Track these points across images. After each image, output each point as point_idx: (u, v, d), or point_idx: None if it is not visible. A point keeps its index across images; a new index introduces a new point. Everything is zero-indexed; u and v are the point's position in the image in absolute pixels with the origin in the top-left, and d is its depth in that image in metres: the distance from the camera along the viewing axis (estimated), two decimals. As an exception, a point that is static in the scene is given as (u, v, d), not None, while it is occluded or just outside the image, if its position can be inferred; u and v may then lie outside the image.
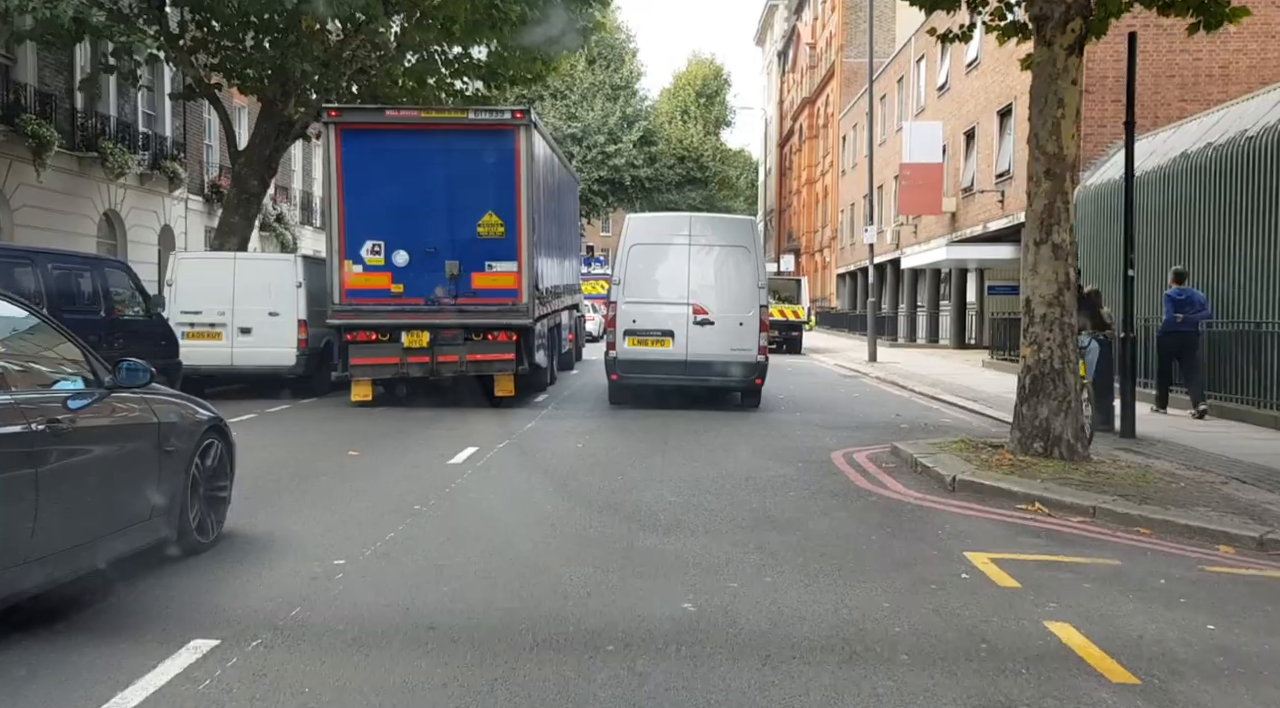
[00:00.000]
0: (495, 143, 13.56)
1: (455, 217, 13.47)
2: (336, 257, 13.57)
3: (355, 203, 13.46)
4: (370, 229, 13.46)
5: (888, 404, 16.30)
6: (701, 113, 71.08)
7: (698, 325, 13.60)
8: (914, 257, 33.10)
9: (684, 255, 13.71)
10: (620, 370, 13.94)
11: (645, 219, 15.66)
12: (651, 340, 13.73)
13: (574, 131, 62.25)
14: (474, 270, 13.51)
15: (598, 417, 13.58)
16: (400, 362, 13.61)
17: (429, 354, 13.56)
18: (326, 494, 7.94)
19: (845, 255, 49.80)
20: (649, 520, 7.20)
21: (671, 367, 13.74)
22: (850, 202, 48.59)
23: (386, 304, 13.53)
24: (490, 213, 13.48)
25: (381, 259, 13.47)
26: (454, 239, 13.50)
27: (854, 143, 48.15)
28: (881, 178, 40.86)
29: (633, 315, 13.71)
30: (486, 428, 11.95)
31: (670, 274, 13.74)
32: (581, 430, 12.18)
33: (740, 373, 13.91)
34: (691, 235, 13.79)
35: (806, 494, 8.33)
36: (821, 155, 59.49)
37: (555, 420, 13.16)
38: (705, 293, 13.70)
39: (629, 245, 13.84)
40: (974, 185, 29.21)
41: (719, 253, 13.86)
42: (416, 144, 13.52)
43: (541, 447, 10.83)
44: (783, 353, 30.95)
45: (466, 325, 13.59)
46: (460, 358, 13.65)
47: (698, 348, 13.64)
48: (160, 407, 5.62)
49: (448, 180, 13.49)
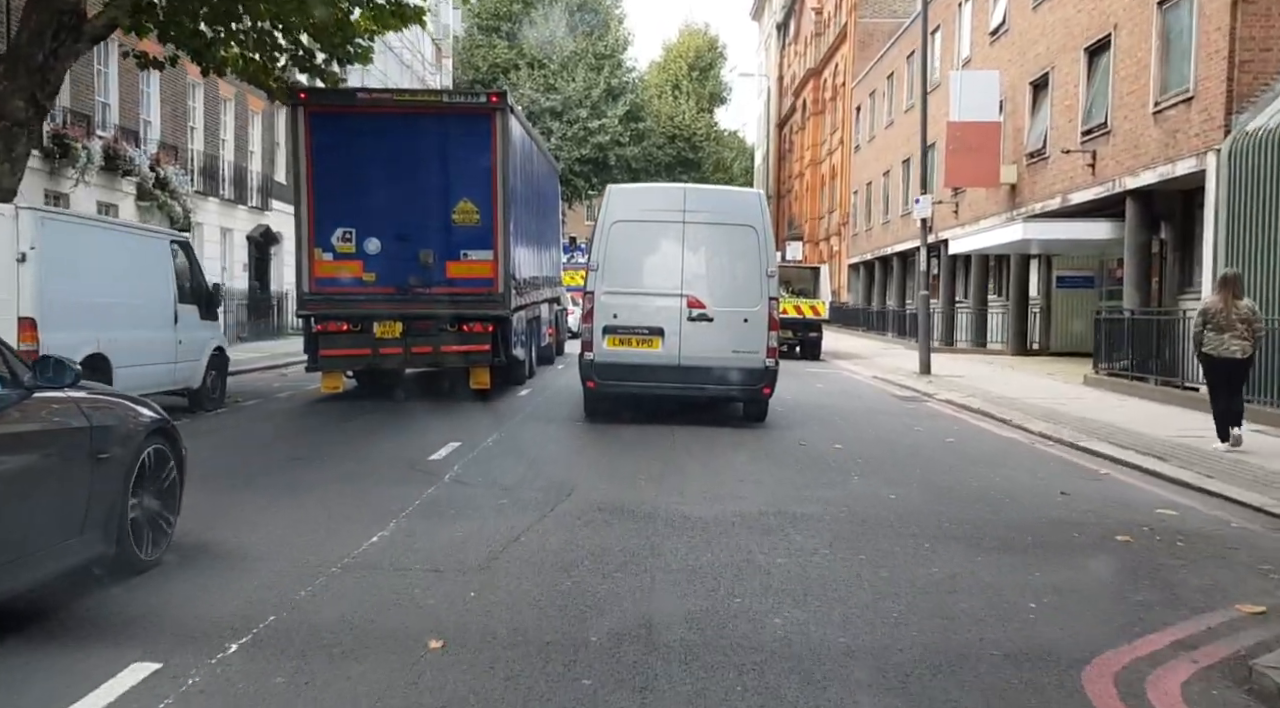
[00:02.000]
0: (470, 127, 13.25)
1: (429, 203, 13.12)
2: (306, 245, 13.25)
3: (325, 189, 13.17)
4: (341, 216, 13.17)
5: (1010, 463, 10.08)
6: (694, 88, 64.88)
7: (693, 322, 11.52)
8: (966, 240, 26.83)
9: (677, 236, 11.61)
10: (598, 376, 11.72)
11: (630, 191, 13.30)
12: (636, 340, 11.61)
13: (552, 105, 56.21)
14: (448, 259, 13.24)
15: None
16: (372, 353, 13.36)
17: (402, 345, 13.29)
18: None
19: (859, 243, 43.59)
20: None
21: (661, 372, 11.61)
22: (866, 180, 42.37)
23: (357, 293, 13.22)
24: (465, 200, 13.17)
25: (353, 247, 13.18)
26: (428, 227, 13.16)
27: (871, 113, 41.91)
28: (905, 150, 34.70)
29: (613, 309, 11.59)
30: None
31: (660, 259, 11.73)
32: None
33: (744, 380, 11.67)
34: (687, 211, 11.65)
35: None
36: (829, 132, 53.27)
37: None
38: (703, 282, 11.62)
39: (610, 222, 11.69)
40: (1046, 148, 22.96)
41: (720, 233, 11.70)
42: (389, 128, 13.20)
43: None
44: (797, 357, 25.06)
45: (441, 316, 13.28)
46: (434, 349, 13.41)
47: (693, 349, 11.54)
48: (93, 408, 5.05)
49: (421, 166, 13.16)
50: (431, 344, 13.34)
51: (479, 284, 13.24)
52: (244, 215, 29.75)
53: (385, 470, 8.51)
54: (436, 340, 13.31)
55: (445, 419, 11.67)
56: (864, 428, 12.52)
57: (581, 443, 10.83)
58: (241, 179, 29.23)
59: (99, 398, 5.35)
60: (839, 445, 10.73)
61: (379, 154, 13.12)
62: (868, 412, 14.41)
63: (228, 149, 28.90)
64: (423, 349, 13.37)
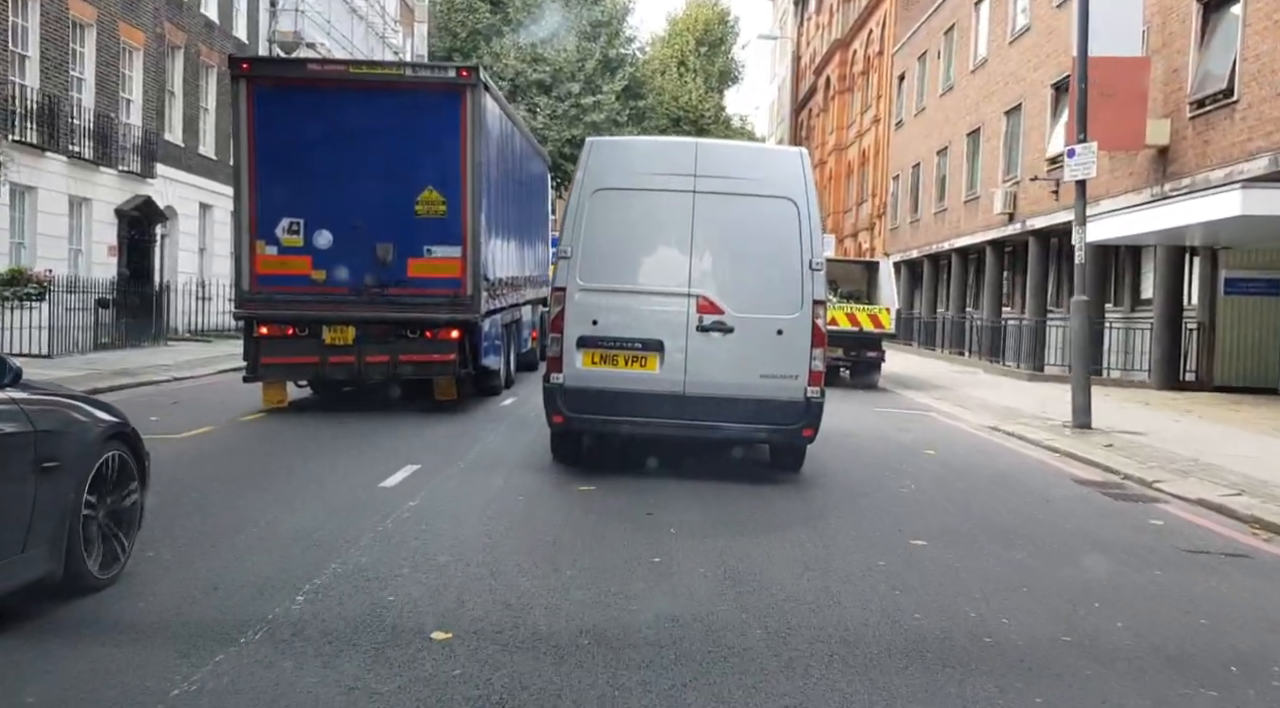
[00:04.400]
0: (437, 105, 11.90)
1: (389, 192, 11.79)
2: (247, 236, 11.88)
3: (270, 173, 11.81)
4: (287, 205, 11.82)
5: None
6: (702, 64, 58.02)
7: (705, 333, 8.18)
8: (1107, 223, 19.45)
9: (685, 210, 8.27)
10: (568, 408, 8.28)
11: (619, 145, 9.74)
12: (624, 357, 8.25)
13: (540, 77, 49.12)
14: (410, 255, 11.84)
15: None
16: (320, 361, 11.89)
17: (354, 353, 11.82)
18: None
19: (901, 238, 36.30)
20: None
21: (657, 403, 8.18)
22: (911, 162, 35.10)
23: (305, 293, 11.82)
24: (430, 188, 11.81)
25: (300, 240, 11.81)
26: (387, 218, 11.80)
27: (920, 81, 34.64)
28: (973, 119, 27.47)
29: (592, 312, 8.26)
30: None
31: (660, 243, 8.50)
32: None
33: (776, 417, 8.12)
34: (699, 175, 8.30)
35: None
36: (859, 111, 46.04)
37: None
38: (720, 277, 8.30)
39: (589, 189, 8.41)
40: (1234, 89, 15.62)
41: (745, 208, 8.30)
42: (343, 105, 11.84)
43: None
44: (844, 383, 18.48)
45: (400, 320, 11.89)
46: (392, 358, 11.92)
47: (704, 372, 8.15)
48: (39, 412, 4.57)
49: (380, 149, 11.80)
50: (389, 353, 11.93)
51: (445, 285, 11.93)
52: (111, 182, 22.40)
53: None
54: (395, 348, 11.94)
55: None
56: (1105, 602, 5.31)
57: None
58: (107, 134, 21.87)
59: (45, 399, 4.83)
60: None
61: (332, 134, 11.83)
62: (1059, 537, 7.06)
63: (85, 91, 21.53)
64: (379, 358, 11.95)
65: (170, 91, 25.52)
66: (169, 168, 24.97)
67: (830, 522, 7.14)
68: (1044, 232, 23.55)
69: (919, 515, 7.45)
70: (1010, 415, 14.38)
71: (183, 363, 18.40)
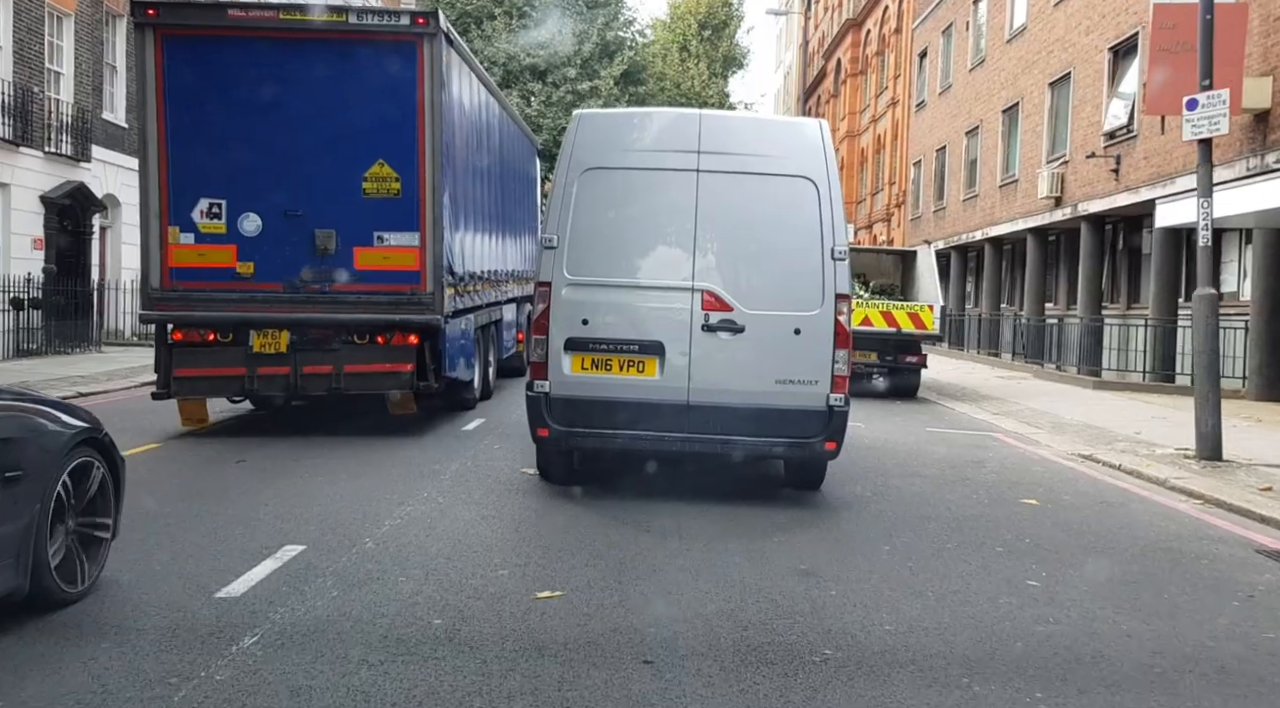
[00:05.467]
0: (388, 60, 10.00)
1: (330, 167, 9.99)
2: (156, 221, 10.03)
3: (184, 144, 9.96)
4: (206, 182, 10.01)
5: None
6: (705, 49, 55.16)
7: (711, 333, 7.27)
8: (1193, 204, 16.72)
9: (688, 192, 7.38)
10: (556, 420, 7.37)
11: (612, 118, 8.58)
12: (619, 362, 7.36)
13: (534, 62, 46.44)
14: (357, 244, 10.00)
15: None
16: (247, 373, 10.01)
17: (289, 363, 9.97)
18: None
19: (924, 228, 33.48)
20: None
21: (657, 414, 7.27)
22: (935, 145, 32.27)
23: (229, 290, 10.00)
24: (381, 162, 9.96)
25: (222, 225, 10.02)
26: (328, 199, 9.98)
27: (944, 57, 31.81)
28: (1009, 94, 24.78)
29: (582, 310, 7.40)
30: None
31: (659, 230, 7.57)
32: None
33: (793, 428, 7.20)
34: (703, 152, 7.39)
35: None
36: (873, 94, 43.23)
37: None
38: (728, 268, 7.37)
39: (578, 169, 7.49)
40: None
41: (757, 189, 7.40)
42: (274, 60, 10.05)
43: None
44: (877, 394, 16.29)
45: (345, 323, 10.04)
46: (335, 369, 10.03)
47: (710, 378, 7.25)
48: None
49: (319, 114, 9.98)
50: (332, 362, 9.96)
51: (399, 279, 9.99)
52: (35, 166, 19.63)
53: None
54: (339, 357, 9.98)
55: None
56: None
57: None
58: (27, 109, 19.10)
59: (6, 403, 4.58)
60: None
61: (261, 96, 9.90)
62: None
63: (2, 60, 18.75)
64: (319, 368, 9.98)
65: (110, 65, 22.71)
66: (109, 152, 22.18)
67: (951, 670, 4.33)
68: (1098, 217, 20.72)
69: (1079, 648, 4.65)
70: (1100, 439, 11.59)
71: (102, 373, 15.70)
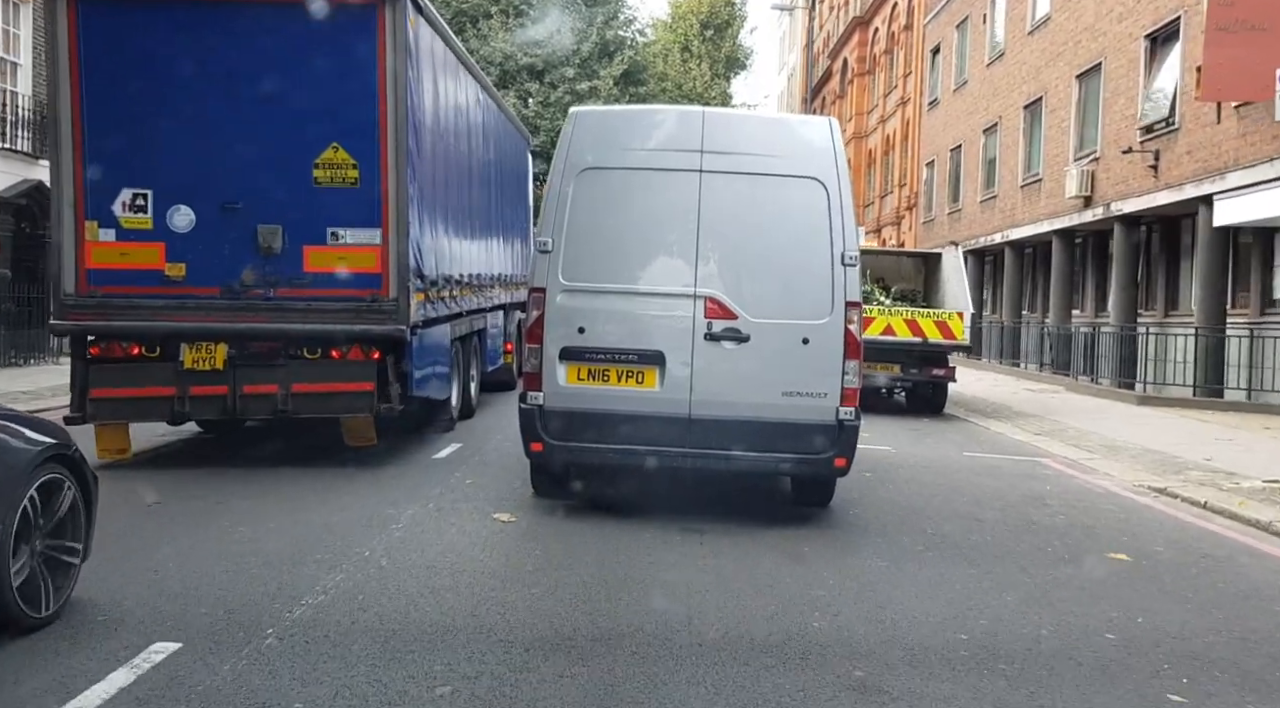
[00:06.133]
0: (343, 28, 8.69)
1: (276, 151, 8.68)
2: (70, 214, 8.66)
3: (103, 125, 8.63)
4: (129, 170, 8.68)
5: None
6: (707, 50, 53.88)
7: (714, 342, 7.06)
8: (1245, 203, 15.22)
9: (689, 194, 7.15)
10: (551, 433, 7.20)
11: (608, 117, 8.13)
12: (617, 372, 7.17)
13: (531, 62, 45.16)
14: (308, 242, 8.69)
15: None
16: (177, 394, 8.63)
17: (227, 382, 8.63)
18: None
19: (937, 231, 32.08)
20: None
21: (658, 428, 7.07)
22: (950, 144, 30.89)
23: (156, 296, 8.66)
24: (335, 146, 8.65)
25: (148, 220, 8.67)
26: (274, 188, 8.69)
27: (958, 53, 30.42)
28: (1032, 88, 23.38)
29: (578, 318, 7.23)
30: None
31: (659, 233, 7.33)
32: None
33: (802, 444, 6.97)
34: (706, 151, 7.16)
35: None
36: (881, 94, 41.88)
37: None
38: (731, 274, 7.14)
39: (574, 169, 7.26)
40: None
41: (762, 191, 7.19)
42: (210, 27, 8.71)
43: None
44: (899, 411, 15.01)
45: (293, 334, 8.70)
46: (282, 389, 8.65)
47: (713, 389, 7.05)
48: None
49: (262, 90, 8.64)
50: (277, 381, 8.61)
51: (358, 283, 8.66)
52: (-13, 163, 18.23)
53: None
54: (285, 375, 8.61)
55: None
56: None
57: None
58: (-22, 102, 17.71)
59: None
60: None
61: (193, 70, 8.61)
62: None
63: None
64: (262, 388, 8.61)
65: (76, 58, 21.30)
66: (73, 149, 20.75)
67: None
68: (1133, 217, 19.29)
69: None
70: (1167, 467, 10.14)
71: (48, 389, 14.35)
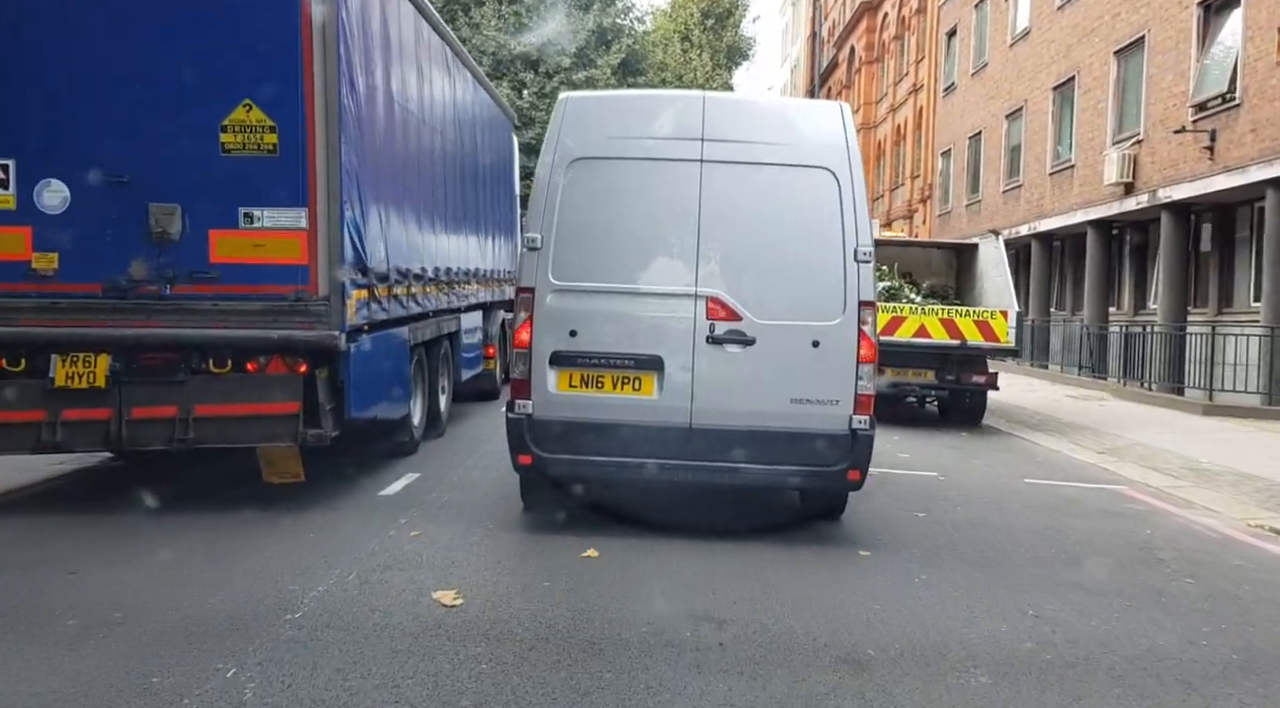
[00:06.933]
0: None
1: (172, 111, 6.99)
2: None
3: None
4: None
5: None
6: (708, 39, 52.19)
7: (717, 345, 6.48)
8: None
9: (690, 185, 6.57)
10: (540, 445, 6.59)
11: (602, 103, 7.52)
12: (613, 379, 6.58)
13: (526, 51, 43.46)
14: (213, 225, 7.02)
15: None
16: (46, 418, 6.91)
17: (111, 403, 6.93)
18: None
19: (954, 224, 30.33)
20: None
21: (656, 439, 6.49)
22: (968, 132, 29.13)
23: (20, 294, 7.04)
24: (247, 104, 6.97)
25: (10, 198, 7.03)
26: (170, 158, 6.98)
27: (977, 35, 28.65)
28: (1061, 68, 21.55)
29: (570, 320, 6.62)
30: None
31: (657, 228, 6.69)
32: None
33: (811, 455, 6.39)
34: (707, 139, 6.59)
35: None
36: (891, 82, 40.15)
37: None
38: (735, 272, 6.52)
39: (565, 159, 6.67)
40: None
41: (769, 181, 6.58)
42: None
43: None
44: (928, 423, 13.46)
45: (196, 341, 7.03)
46: (182, 411, 6.94)
47: (715, 397, 6.46)
48: None
49: (152, 36, 6.99)
50: (176, 401, 6.87)
51: (278, 277, 6.99)
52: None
53: None
54: (186, 394, 6.89)
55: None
56: None
57: None
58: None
59: None
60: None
61: (66, 10, 6.91)
62: None
63: None
64: (157, 411, 6.86)
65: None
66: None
67: None
68: (1183, 205, 17.51)
69: None
70: (1275, 495, 8.35)
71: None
